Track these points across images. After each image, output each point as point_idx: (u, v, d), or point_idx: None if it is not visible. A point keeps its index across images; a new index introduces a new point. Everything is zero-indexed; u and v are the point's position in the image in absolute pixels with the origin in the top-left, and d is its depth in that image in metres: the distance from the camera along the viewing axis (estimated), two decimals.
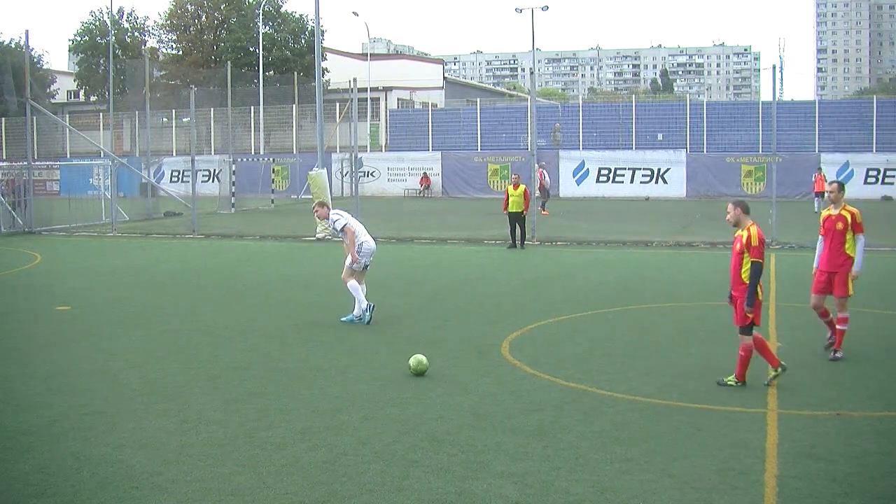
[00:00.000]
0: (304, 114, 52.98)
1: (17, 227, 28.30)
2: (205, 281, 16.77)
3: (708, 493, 5.90)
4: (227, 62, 48.17)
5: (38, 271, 18.77)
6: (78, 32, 67.51)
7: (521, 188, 22.22)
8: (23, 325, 12.30)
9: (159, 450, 6.81)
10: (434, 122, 52.23)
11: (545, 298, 14.27)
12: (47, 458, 6.62)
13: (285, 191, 46.48)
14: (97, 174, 38.48)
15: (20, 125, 44.56)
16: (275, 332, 11.46)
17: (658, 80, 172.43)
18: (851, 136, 44.10)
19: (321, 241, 24.62)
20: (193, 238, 26.01)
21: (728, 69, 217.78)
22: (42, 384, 8.86)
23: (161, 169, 47.05)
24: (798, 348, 10.31)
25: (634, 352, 10.19)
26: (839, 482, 6.08)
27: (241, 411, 7.84)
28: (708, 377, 8.97)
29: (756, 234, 8.38)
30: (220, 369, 9.48)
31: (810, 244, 21.87)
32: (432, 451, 6.72)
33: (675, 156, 44.87)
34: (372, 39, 74.09)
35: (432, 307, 13.42)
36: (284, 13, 66.82)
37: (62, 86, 70.40)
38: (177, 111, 54.38)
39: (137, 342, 10.94)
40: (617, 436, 7.06)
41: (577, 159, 46.07)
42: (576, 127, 48.92)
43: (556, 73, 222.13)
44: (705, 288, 15.36)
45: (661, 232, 25.01)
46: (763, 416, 7.64)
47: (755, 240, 8.35)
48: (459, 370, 9.24)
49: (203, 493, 5.95)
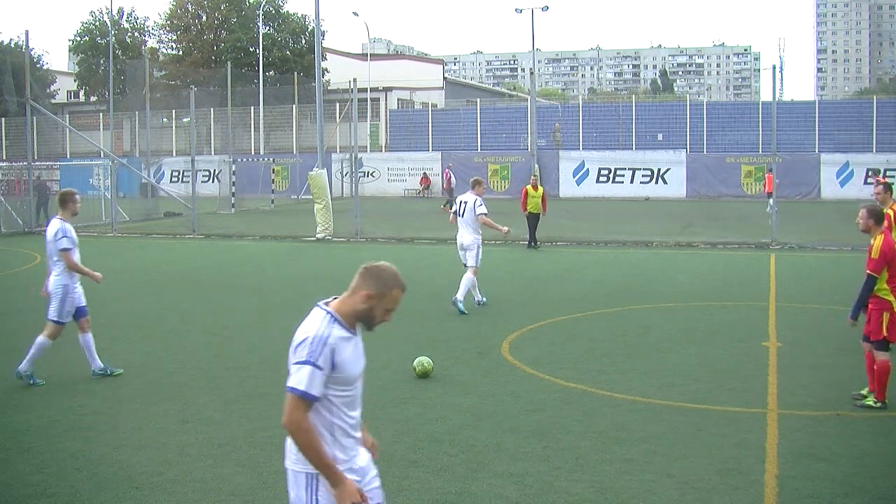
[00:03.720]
0: (304, 114, 52.96)
1: (17, 226, 28.25)
2: (205, 281, 16.77)
3: (708, 493, 5.90)
4: (228, 62, 48.21)
5: (38, 271, 18.73)
6: (78, 33, 67.53)
7: (540, 189, 22.39)
8: (23, 325, 12.29)
9: (159, 450, 6.81)
10: (434, 123, 52.21)
11: (545, 298, 14.27)
12: (47, 459, 6.62)
13: (285, 191, 46.46)
14: (97, 174, 38.44)
15: (20, 125, 44.60)
16: (275, 333, 11.45)
17: (658, 80, 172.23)
18: (851, 136, 44.07)
19: (321, 241, 24.63)
20: (193, 238, 26.01)
21: (728, 69, 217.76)
22: (42, 384, 8.85)
23: (161, 169, 47.03)
24: (798, 348, 10.31)
25: (634, 352, 10.19)
26: (839, 482, 6.08)
27: (241, 411, 7.84)
28: (708, 377, 8.97)
29: (879, 246, 7.79)
30: (220, 369, 9.48)
31: (810, 244, 21.96)
32: (432, 451, 6.72)
33: (675, 156, 44.85)
34: (372, 40, 74.11)
35: (432, 307, 13.41)
36: (285, 13, 66.85)
37: (62, 86, 70.38)
38: (177, 111, 54.35)
39: (138, 342, 10.94)
40: (617, 436, 7.06)
41: (577, 159, 46.04)
42: (576, 127, 48.90)
43: (556, 73, 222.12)
44: (705, 288, 15.36)
45: (661, 232, 25.01)
46: (763, 416, 7.64)
47: (875, 251, 7.79)
48: (459, 370, 9.23)
49: (203, 493, 5.95)
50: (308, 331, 3.62)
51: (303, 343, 3.59)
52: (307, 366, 3.54)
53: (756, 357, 9.85)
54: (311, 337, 3.58)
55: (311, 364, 3.54)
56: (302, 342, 3.59)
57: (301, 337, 3.61)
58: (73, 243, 9.06)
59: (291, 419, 3.54)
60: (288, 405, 3.55)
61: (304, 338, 3.60)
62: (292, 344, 3.64)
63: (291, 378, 3.57)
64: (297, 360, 3.57)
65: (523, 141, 47.56)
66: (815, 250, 21.14)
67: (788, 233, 23.19)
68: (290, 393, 3.56)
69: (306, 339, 3.58)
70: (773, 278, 16.33)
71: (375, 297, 3.69)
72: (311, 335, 3.59)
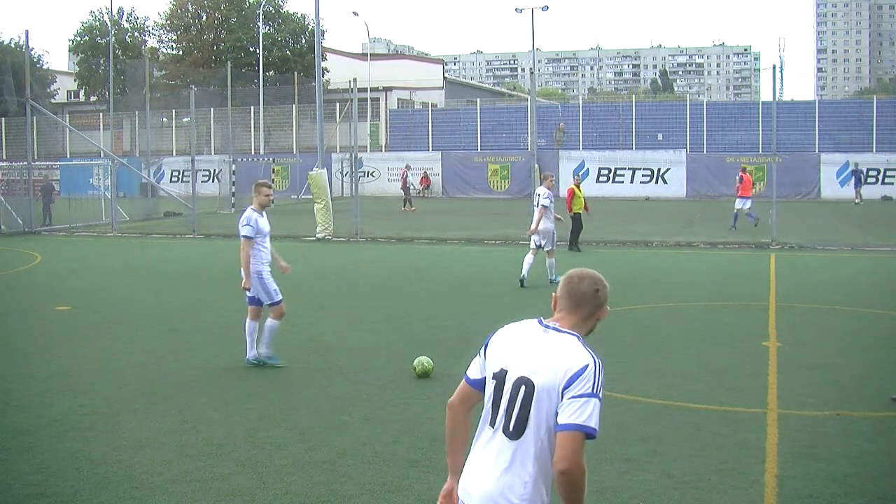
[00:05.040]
0: (304, 114, 52.94)
1: (17, 226, 28.25)
2: (205, 281, 16.78)
3: (708, 493, 5.90)
4: (228, 62, 48.19)
5: (38, 271, 18.77)
6: (78, 32, 67.51)
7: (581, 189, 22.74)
8: (23, 324, 12.30)
9: (159, 450, 6.81)
10: (434, 123, 52.20)
11: (545, 299, 14.24)
12: (47, 458, 6.62)
13: (285, 191, 46.43)
14: (97, 174, 38.44)
15: (20, 125, 44.55)
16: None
17: (658, 80, 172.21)
18: (851, 136, 44.08)
19: (321, 241, 24.63)
20: (193, 238, 26.01)
21: (728, 69, 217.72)
22: (42, 384, 8.85)
23: (161, 169, 47.03)
24: (798, 348, 10.31)
25: (634, 352, 10.19)
26: (839, 482, 6.08)
27: (241, 411, 7.83)
28: (708, 377, 8.97)
29: None
30: (220, 369, 9.48)
31: (810, 244, 21.96)
32: (432, 451, 6.71)
33: (675, 156, 44.86)
34: (372, 39, 74.08)
35: (432, 307, 13.42)
36: (285, 13, 66.80)
37: (62, 86, 70.34)
38: (177, 111, 54.34)
39: (137, 342, 10.93)
40: (616, 435, 7.06)
41: (577, 159, 46.03)
42: (576, 127, 48.90)
43: (556, 73, 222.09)
44: (705, 288, 15.37)
45: (661, 232, 25.01)
46: (763, 416, 7.63)
47: None
48: (459, 370, 9.18)
49: (203, 493, 5.94)
50: (586, 359, 3.16)
51: (586, 372, 3.11)
52: (595, 399, 3.10)
53: (756, 357, 9.85)
54: (595, 365, 3.15)
55: (598, 398, 3.12)
56: (583, 370, 3.11)
57: (580, 364, 3.14)
58: (255, 232, 9.34)
59: (580, 463, 3.05)
60: (576, 445, 3.03)
61: (584, 364, 3.13)
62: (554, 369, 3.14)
63: (580, 414, 3.05)
64: (583, 393, 3.08)
65: (523, 141, 47.58)
66: (815, 250, 21.14)
67: (788, 233, 23.20)
68: (580, 432, 3.04)
69: (588, 368, 3.12)
70: (773, 278, 16.33)
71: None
72: (593, 362, 3.15)
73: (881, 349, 10.33)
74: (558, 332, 3.27)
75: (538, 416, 3.15)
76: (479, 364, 3.40)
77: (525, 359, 3.22)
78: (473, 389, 3.41)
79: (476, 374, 3.40)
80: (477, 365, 3.41)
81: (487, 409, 3.30)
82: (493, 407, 3.26)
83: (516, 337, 3.32)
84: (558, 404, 3.11)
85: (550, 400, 3.13)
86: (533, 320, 3.36)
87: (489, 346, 3.37)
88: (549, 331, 3.28)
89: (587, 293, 3.37)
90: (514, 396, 3.19)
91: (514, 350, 3.27)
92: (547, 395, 3.13)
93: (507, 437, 3.20)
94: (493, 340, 3.37)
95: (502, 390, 3.23)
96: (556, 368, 3.13)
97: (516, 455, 3.17)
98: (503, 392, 3.23)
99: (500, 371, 3.26)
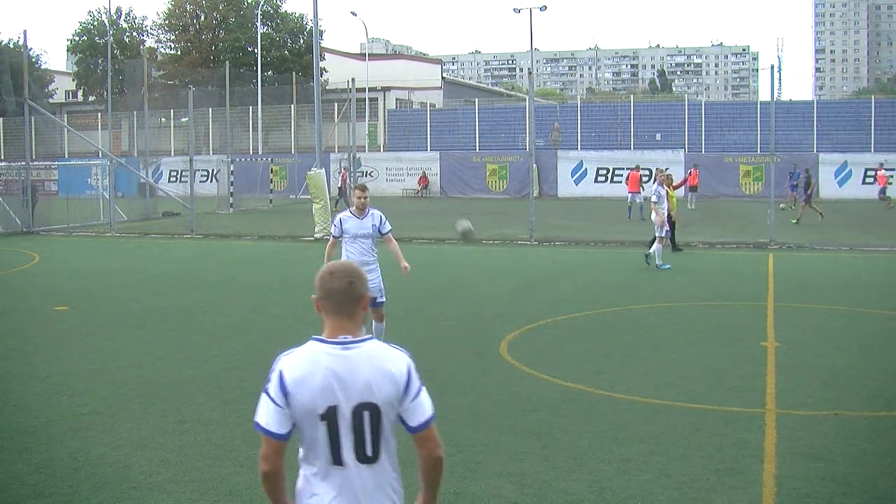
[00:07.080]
0: (303, 114, 52.95)
1: (15, 226, 28.26)
2: (203, 281, 16.77)
3: (706, 493, 5.91)
4: (226, 62, 48.22)
5: (36, 271, 18.75)
6: (76, 32, 67.51)
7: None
8: (21, 325, 12.29)
9: (157, 450, 6.81)
10: (432, 123, 52.18)
11: (544, 298, 14.26)
12: (45, 458, 6.61)
13: (283, 191, 46.44)
14: (95, 174, 38.44)
15: (18, 125, 44.58)
16: (274, 332, 11.45)
17: (656, 80, 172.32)
18: (850, 136, 44.10)
19: (320, 241, 24.62)
20: (192, 238, 25.99)
21: (726, 69, 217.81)
22: (40, 384, 8.85)
23: (159, 169, 47.04)
24: (796, 348, 10.31)
25: (633, 352, 10.19)
26: (837, 482, 6.08)
27: (241, 411, 7.82)
28: (706, 377, 8.97)
29: None
30: (219, 369, 9.47)
31: (808, 244, 21.97)
32: None
33: (674, 156, 44.84)
34: (370, 39, 74.16)
35: (432, 307, 13.42)
36: (283, 13, 66.80)
37: (60, 86, 70.31)
38: (175, 111, 54.30)
39: (136, 342, 10.93)
40: (615, 436, 7.06)
41: (576, 159, 46.05)
42: (574, 127, 48.91)
43: (555, 73, 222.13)
44: (704, 288, 15.37)
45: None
46: (761, 416, 7.64)
47: None
48: (458, 370, 9.23)
49: (201, 493, 5.94)
50: (403, 358, 3.31)
51: (411, 371, 3.30)
52: (424, 388, 3.33)
53: (754, 357, 9.86)
54: (409, 358, 3.33)
55: (423, 385, 3.34)
56: (409, 371, 3.29)
57: (403, 366, 3.28)
58: (340, 232, 9.49)
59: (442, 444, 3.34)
60: (436, 432, 3.30)
61: (406, 364, 3.30)
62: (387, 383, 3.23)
63: (426, 408, 3.27)
64: (418, 390, 3.29)
65: (521, 141, 47.57)
66: (814, 250, 21.15)
67: (787, 232, 23.21)
68: (433, 421, 3.28)
69: (409, 366, 3.30)
70: (771, 278, 16.34)
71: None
72: (408, 357, 3.34)
73: (879, 349, 10.34)
74: (358, 344, 3.22)
75: (387, 431, 3.24)
76: (282, 414, 3.22)
77: (353, 386, 3.15)
78: (284, 441, 3.30)
79: (282, 427, 3.24)
80: (278, 416, 3.24)
81: (323, 450, 3.21)
82: (331, 444, 3.20)
83: (322, 369, 3.16)
84: (399, 410, 3.22)
85: (393, 410, 3.21)
86: (314, 343, 3.24)
87: (290, 394, 3.19)
88: (349, 347, 3.20)
89: (342, 289, 3.24)
90: (359, 425, 3.17)
91: (334, 383, 3.15)
92: (391, 407, 3.20)
93: (364, 464, 3.21)
94: (292, 384, 3.19)
95: (338, 426, 3.17)
96: (388, 381, 3.18)
97: (377, 473, 3.23)
98: (341, 426, 3.17)
99: (327, 410, 3.15)
